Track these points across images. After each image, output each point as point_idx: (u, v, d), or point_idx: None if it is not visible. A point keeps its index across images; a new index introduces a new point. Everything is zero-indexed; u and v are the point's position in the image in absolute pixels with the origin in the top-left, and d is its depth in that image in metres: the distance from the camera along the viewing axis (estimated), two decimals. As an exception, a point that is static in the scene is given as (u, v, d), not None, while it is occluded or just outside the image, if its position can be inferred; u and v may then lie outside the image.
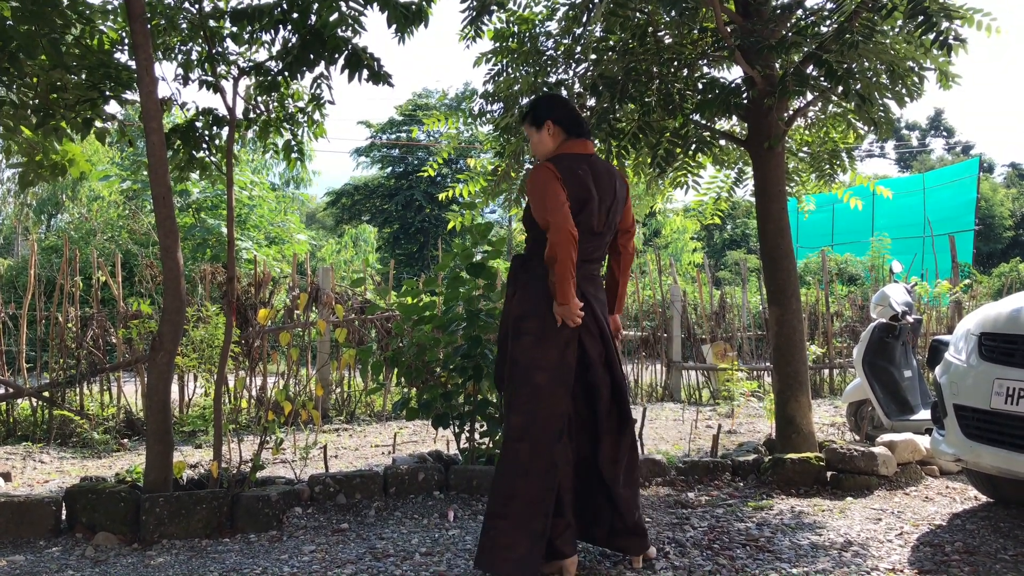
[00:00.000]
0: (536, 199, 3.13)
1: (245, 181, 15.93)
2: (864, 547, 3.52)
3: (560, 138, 3.28)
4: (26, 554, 3.53)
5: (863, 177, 6.77)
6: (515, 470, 3.05)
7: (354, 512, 4.09)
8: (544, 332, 3.08)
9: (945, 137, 51.80)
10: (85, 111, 4.35)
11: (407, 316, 4.86)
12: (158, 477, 3.89)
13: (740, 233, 32.93)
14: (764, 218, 5.10)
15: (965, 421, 3.70)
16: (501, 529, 3.00)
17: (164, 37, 4.48)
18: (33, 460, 5.69)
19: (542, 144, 3.31)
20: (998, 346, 3.63)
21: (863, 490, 4.51)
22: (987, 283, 17.62)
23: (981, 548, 3.51)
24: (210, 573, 3.24)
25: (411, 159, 32.81)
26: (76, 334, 6.79)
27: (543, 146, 3.31)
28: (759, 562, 3.32)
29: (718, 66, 5.42)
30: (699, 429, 6.78)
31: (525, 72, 5.20)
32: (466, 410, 4.68)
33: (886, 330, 5.99)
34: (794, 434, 4.95)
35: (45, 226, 22.50)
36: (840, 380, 9.55)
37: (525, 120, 3.38)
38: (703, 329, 9.75)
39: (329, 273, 7.95)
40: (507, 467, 3.08)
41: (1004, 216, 33.45)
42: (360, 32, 4.16)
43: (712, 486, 4.64)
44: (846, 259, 19.49)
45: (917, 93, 4.85)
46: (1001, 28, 4.87)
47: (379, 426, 7.29)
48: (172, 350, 4.02)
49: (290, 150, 4.94)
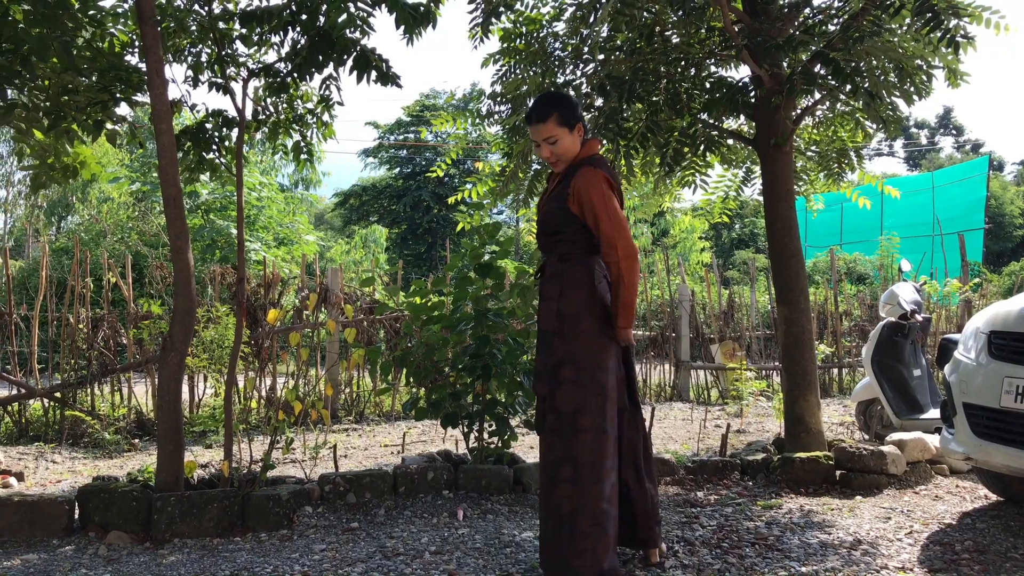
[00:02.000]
0: (600, 209, 3.06)
1: (254, 182, 16.00)
2: (873, 546, 3.52)
3: (581, 139, 3.24)
4: (40, 552, 3.57)
5: (871, 176, 6.75)
6: (600, 474, 3.01)
7: (364, 511, 4.11)
8: (601, 331, 3.08)
9: (954, 135, 51.59)
10: (96, 113, 4.38)
11: (416, 316, 4.87)
12: (169, 477, 3.92)
13: (749, 232, 32.84)
14: (772, 217, 5.10)
15: (975, 420, 3.69)
16: (600, 536, 2.97)
17: (174, 39, 4.51)
18: (45, 460, 5.73)
19: (573, 147, 3.19)
20: (1008, 344, 3.62)
21: (872, 489, 4.51)
22: (997, 282, 17.53)
23: (991, 547, 3.50)
24: (221, 571, 3.26)
25: (419, 160, 32.88)
26: (87, 335, 6.84)
27: (573, 149, 3.20)
28: (768, 560, 3.32)
29: (726, 65, 5.42)
30: (708, 428, 6.78)
31: (533, 72, 5.20)
32: (475, 409, 4.70)
33: (895, 329, 5.98)
34: (803, 433, 4.94)
35: (56, 228, 22.63)
36: (849, 379, 9.53)
37: (546, 120, 3.16)
38: (711, 328, 9.75)
39: (338, 274, 7.98)
40: (595, 471, 3.01)
41: (1014, 215, 33.26)
42: (369, 33, 4.18)
43: (721, 485, 4.64)
44: (855, 258, 19.44)
45: (926, 91, 4.83)
46: (1010, 26, 4.86)
47: (388, 426, 7.32)
48: (183, 350, 4.05)
49: (299, 151, 4.96)
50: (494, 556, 3.40)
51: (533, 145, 3.28)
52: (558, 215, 3.17)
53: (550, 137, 3.17)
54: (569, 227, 3.15)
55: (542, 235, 3.27)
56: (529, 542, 3.58)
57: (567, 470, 2.99)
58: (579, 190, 3.10)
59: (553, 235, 3.20)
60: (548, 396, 3.08)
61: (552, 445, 3.06)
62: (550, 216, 3.21)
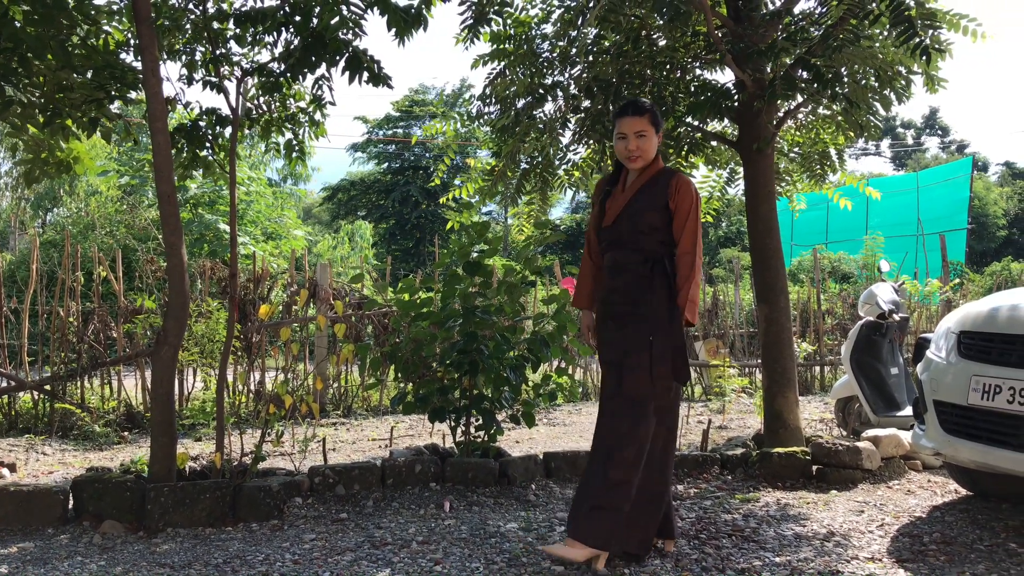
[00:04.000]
0: (693, 218, 3.32)
1: (242, 177, 16.03)
2: (846, 538, 3.65)
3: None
4: (35, 541, 3.65)
5: (853, 177, 6.89)
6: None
7: (353, 503, 4.20)
8: (679, 323, 3.34)
9: (940, 136, 52.02)
10: (91, 110, 4.45)
11: (405, 312, 4.97)
12: (162, 468, 4.00)
13: (735, 231, 33.07)
14: (753, 218, 5.22)
15: (944, 416, 3.82)
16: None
17: (169, 38, 4.58)
18: (36, 452, 5.79)
19: (653, 149, 3.42)
20: (976, 344, 3.75)
21: (847, 483, 4.64)
22: (979, 281, 17.77)
23: (958, 539, 3.63)
24: (214, 559, 3.35)
25: (407, 155, 32.90)
26: (77, 328, 6.89)
27: (653, 151, 3.43)
28: (744, 551, 3.45)
29: (710, 68, 5.54)
30: (690, 424, 6.91)
31: (522, 74, 5.30)
32: (462, 404, 4.80)
33: (873, 328, 6.12)
34: (781, 429, 5.07)
35: (42, 221, 22.53)
36: (831, 377, 9.69)
37: (643, 114, 3.39)
38: (696, 326, 9.87)
39: (327, 269, 8.06)
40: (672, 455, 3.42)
41: (997, 215, 33.63)
42: (361, 35, 4.26)
43: (701, 479, 4.76)
44: (840, 257, 19.64)
45: (905, 96, 4.96)
46: (987, 34, 4.99)
47: (376, 420, 7.41)
48: (176, 344, 4.13)
49: (291, 149, 5.04)
50: (479, 546, 3.50)
51: (617, 138, 3.41)
52: (657, 213, 3.36)
53: (642, 131, 3.36)
54: (665, 226, 3.36)
55: (631, 230, 3.39)
56: (513, 533, 3.69)
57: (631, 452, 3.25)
58: (682, 193, 3.34)
59: (647, 232, 3.37)
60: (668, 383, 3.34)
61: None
62: (645, 211, 3.37)
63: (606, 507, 3.16)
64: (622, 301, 3.37)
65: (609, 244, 3.48)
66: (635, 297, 3.33)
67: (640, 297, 3.32)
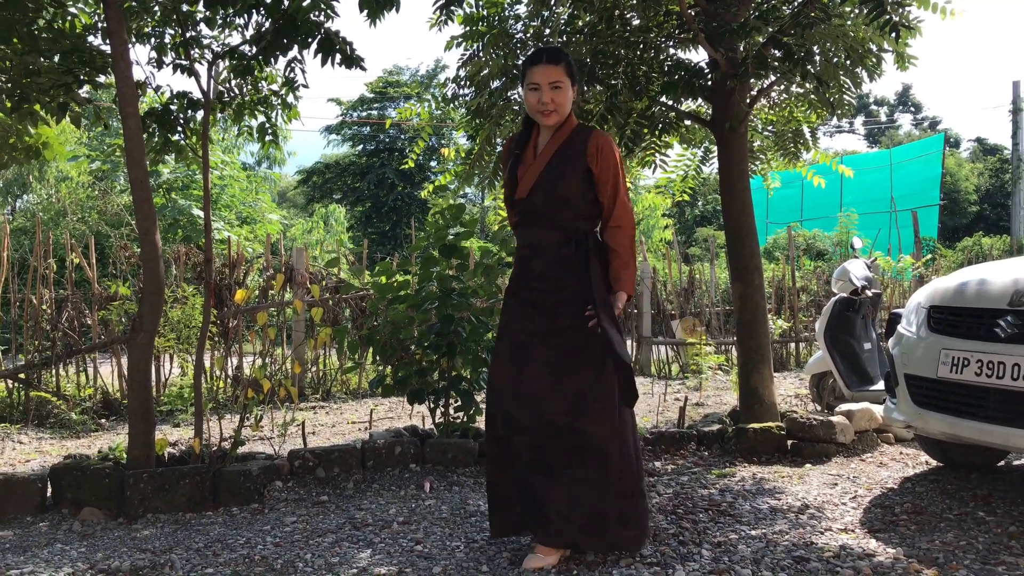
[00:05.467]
0: (621, 178, 2.96)
1: (215, 161, 15.87)
2: (820, 510, 3.72)
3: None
4: (14, 528, 3.64)
5: (826, 155, 6.95)
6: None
7: (333, 485, 4.22)
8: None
9: (913, 112, 52.40)
10: (60, 95, 4.39)
11: (382, 295, 4.97)
12: (141, 454, 4.00)
13: (712, 210, 33.22)
14: (727, 197, 5.26)
15: (915, 389, 3.90)
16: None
17: (137, 21, 4.52)
18: (12, 441, 5.75)
19: (569, 104, 3.00)
20: (945, 318, 3.82)
21: (822, 457, 4.72)
22: (951, 257, 18.00)
23: (928, 509, 3.72)
24: (195, 544, 3.36)
25: (383, 137, 32.67)
26: (51, 316, 6.83)
27: (568, 106, 3.01)
28: (720, 525, 3.51)
29: (684, 48, 5.55)
30: (668, 402, 6.98)
31: (495, 55, 5.28)
32: (440, 386, 4.82)
33: (847, 304, 6.20)
34: (757, 405, 5.14)
35: (11, 208, 22.19)
36: (806, 352, 9.81)
37: (559, 63, 2.96)
38: (673, 305, 9.96)
39: (303, 253, 8.03)
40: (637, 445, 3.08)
41: (969, 191, 33.99)
42: (333, 17, 4.24)
43: (678, 455, 4.82)
44: (814, 234, 19.83)
45: (876, 74, 5.01)
46: (955, 11, 5.04)
47: (355, 403, 7.42)
48: (152, 331, 4.12)
49: (264, 132, 5.01)
50: (459, 525, 3.54)
51: (529, 88, 2.96)
52: (576, 180, 2.94)
53: (557, 82, 2.94)
54: (588, 195, 2.96)
55: (546, 202, 2.98)
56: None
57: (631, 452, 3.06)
58: (605, 153, 2.94)
59: (567, 204, 2.96)
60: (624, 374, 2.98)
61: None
62: (563, 179, 2.95)
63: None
64: (547, 288, 2.96)
65: (523, 219, 3.05)
66: (562, 282, 2.94)
67: (568, 282, 2.94)
